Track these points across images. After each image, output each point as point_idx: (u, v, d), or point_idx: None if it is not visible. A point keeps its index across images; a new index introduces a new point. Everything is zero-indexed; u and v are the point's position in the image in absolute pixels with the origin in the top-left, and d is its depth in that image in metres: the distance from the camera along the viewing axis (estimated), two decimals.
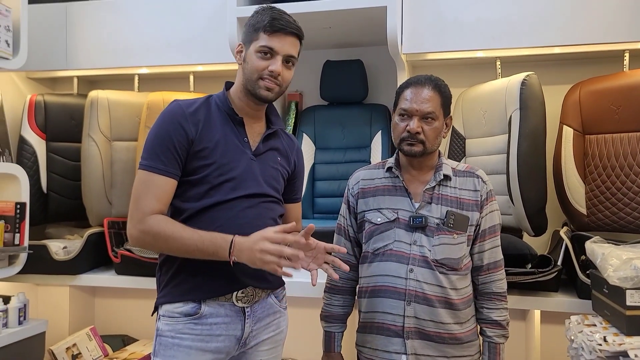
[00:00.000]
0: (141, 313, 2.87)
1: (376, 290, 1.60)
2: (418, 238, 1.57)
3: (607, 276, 1.62)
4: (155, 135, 1.43)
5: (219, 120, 1.49)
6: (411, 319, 1.54)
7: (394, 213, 1.60)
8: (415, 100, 1.56)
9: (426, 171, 1.64)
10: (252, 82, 1.45)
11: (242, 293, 1.47)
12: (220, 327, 1.44)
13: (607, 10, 2.08)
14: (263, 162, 1.51)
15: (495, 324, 1.60)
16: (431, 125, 1.57)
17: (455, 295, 1.55)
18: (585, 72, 2.25)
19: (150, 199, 1.38)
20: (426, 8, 2.25)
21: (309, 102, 2.75)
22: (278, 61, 1.44)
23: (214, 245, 1.34)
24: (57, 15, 2.66)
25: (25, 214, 2.28)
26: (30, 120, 2.57)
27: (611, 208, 2.07)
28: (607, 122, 2.08)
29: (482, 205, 1.61)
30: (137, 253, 2.31)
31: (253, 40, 1.46)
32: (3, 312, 2.26)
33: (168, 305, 1.46)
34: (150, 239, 1.37)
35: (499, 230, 1.65)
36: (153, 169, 1.40)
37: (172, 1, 2.58)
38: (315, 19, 2.29)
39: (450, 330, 1.55)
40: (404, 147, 1.58)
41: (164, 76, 2.86)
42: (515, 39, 2.17)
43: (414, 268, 1.55)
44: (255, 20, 1.47)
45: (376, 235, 1.61)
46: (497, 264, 1.63)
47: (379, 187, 1.66)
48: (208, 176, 1.43)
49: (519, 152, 1.99)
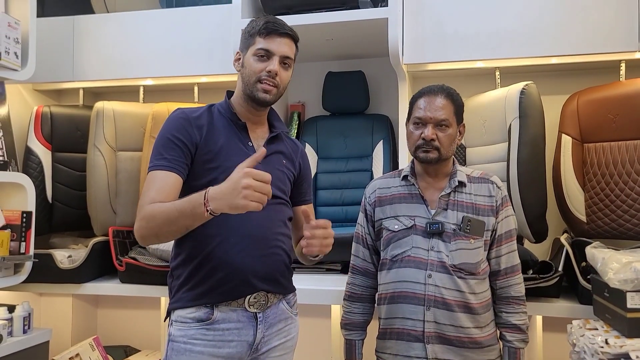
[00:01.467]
0: (143, 324, 2.88)
1: (395, 296, 1.61)
2: (435, 244, 1.59)
3: (608, 279, 1.64)
4: (160, 138, 1.46)
5: (222, 125, 1.51)
6: (431, 323, 1.55)
7: (411, 220, 1.63)
8: (429, 109, 1.61)
9: (441, 178, 1.67)
10: (251, 85, 1.48)
11: (255, 298, 1.47)
12: (233, 332, 1.45)
13: (603, 22, 2.12)
14: (268, 165, 1.51)
15: (515, 328, 1.62)
16: (445, 132, 1.61)
17: (474, 300, 1.57)
18: (583, 82, 2.29)
19: (151, 191, 1.38)
20: (427, 20, 2.29)
21: (311, 113, 2.79)
22: (275, 61, 1.47)
23: (189, 202, 1.27)
24: (64, 28, 2.71)
25: (32, 223, 2.29)
26: (36, 131, 2.61)
27: (610, 215, 2.09)
28: (605, 130, 2.12)
29: (498, 211, 1.64)
30: (142, 261, 2.33)
31: (250, 46, 1.50)
32: (8, 320, 2.26)
33: (180, 311, 1.47)
34: (145, 224, 1.34)
35: (515, 235, 1.68)
36: (156, 167, 1.42)
37: (176, 13, 2.63)
38: (317, 31, 2.34)
39: (470, 335, 1.56)
40: (420, 154, 1.62)
41: (169, 87, 2.90)
42: (514, 49, 2.21)
43: (432, 273, 1.57)
44: (251, 27, 1.52)
45: (394, 242, 1.64)
46: (514, 268, 1.66)
47: (396, 195, 1.69)
48: (214, 180, 1.43)
49: (519, 160, 2.03)
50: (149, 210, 1.34)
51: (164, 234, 1.35)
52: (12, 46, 2.24)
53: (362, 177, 2.50)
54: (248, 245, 1.45)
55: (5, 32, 2.19)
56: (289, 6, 2.33)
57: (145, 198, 1.38)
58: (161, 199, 1.36)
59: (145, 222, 1.34)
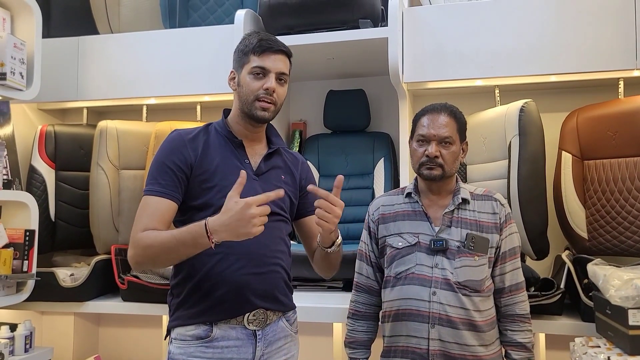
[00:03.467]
0: (145, 342, 2.86)
1: (400, 313, 1.61)
2: (439, 261, 1.59)
3: (609, 296, 1.64)
4: (155, 162, 1.48)
5: (219, 144, 1.53)
6: (436, 341, 1.55)
7: (415, 237, 1.63)
8: (433, 126, 1.62)
9: (445, 195, 1.68)
10: (249, 103, 1.50)
11: (254, 316, 1.47)
12: (232, 350, 1.45)
13: (601, 40, 2.14)
14: (266, 181, 1.53)
15: (520, 347, 1.61)
16: (449, 150, 1.62)
17: (479, 317, 1.57)
18: (582, 99, 2.31)
19: (144, 218, 1.41)
20: (426, 39, 2.32)
21: (312, 131, 2.82)
22: (271, 78, 1.49)
23: (189, 234, 1.31)
24: (69, 48, 2.74)
25: (34, 241, 2.30)
26: (40, 150, 2.63)
27: (612, 232, 2.09)
28: (604, 147, 2.13)
29: (502, 228, 1.64)
30: (144, 279, 2.33)
31: (244, 64, 1.51)
32: (10, 339, 2.26)
33: (180, 329, 1.47)
34: (140, 250, 1.38)
35: (519, 252, 1.68)
36: (151, 192, 1.44)
37: (179, 34, 2.67)
38: (318, 50, 2.37)
39: (475, 353, 1.55)
40: (424, 172, 1.63)
41: (172, 106, 2.93)
42: (513, 67, 2.23)
43: (437, 291, 1.57)
44: (244, 45, 1.53)
45: (398, 260, 1.64)
46: (518, 286, 1.65)
47: (399, 212, 1.70)
48: (211, 199, 1.46)
49: (519, 177, 2.04)
50: (144, 239, 1.37)
51: (162, 261, 1.40)
52: (17, 66, 2.27)
53: (363, 195, 2.51)
54: (247, 263, 1.46)
55: (11, 53, 2.23)
56: (291, 26, 2.36)
57: (137, 225, 1.40)
58: (153, 225, 1.39)
59: (142, 251, 1.38)
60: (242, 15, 2.39)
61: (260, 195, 1.28)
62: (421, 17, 2.34)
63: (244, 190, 1.47)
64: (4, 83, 2.21)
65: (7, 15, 2.37)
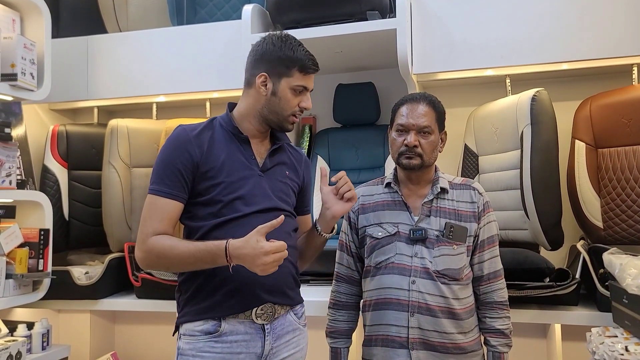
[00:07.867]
0: (160, 339, 2.89)
1: (380, 303, 1.62)
2: (419, 250, 1.60)
3: (626, 285, 1.62)
4: (161, 160, 1.48)
5: (224, 139, 1.52)
6: (415, 329, 1.56)
7: (394, 227, 1.64)
8: (412, 116, 1.62)
9: (424, 185, 1.68)
10: (283, 117, 1.52)
11: (262, 310, 1.48)
12: (241, 345, 1.45)
13: (614, 26, 2.11)
14: (271, 177, 1.54)
15: (499, 333, 1.62)
16: (427, 139, 1.62)
17: (458, 305, 1.58)
18: (594, 87, 2.28)
19: (154, 220, 1.43)
20: (435, 29, 2.30)
21: (322, 125, 2.81)
22: (309, 98, 1.54)
23: (209, 253, 1.36)
24: (79, 48, 2.76)
25: (49, 240, 2.33)
26: (52, 150, 2.66)
27: (628, 221, 2.06)
28: (619, 135, 2.10)
29: (480, 217, 1.65)
30: (158, 276, 2.34)
31: (283, 76, 1.49)
32: (27, 337, 2.29)
33: (188, 324, 1.48)
34: (154, 257, 1.42)
35: (497, 240, 1.69)
36: (158, 192, 1.44)
37: (187, 31, 2.68)
38: (326, 44, 2.36)
39: (454, 340, 1.57)
40: (403, 161, 1.63)
41: (181, 104, 2.94)
42: (524, 56, 2.21)
43: (416, 280, 1.58)
44: (284, 54, 1.49)
45: (378, 249, 1.65)
46: (497, 274, 1.66)
47: (379, 202, 1.70)
48: (218, 195, 1.46)
49: (532, 167, 2.02)
50: (157, 246, 1.40)
51: (175, 270, 1.47)
52: (28, 67, 2.29)
53: None
54: None
55: (22, 54, 2.24)
56: (298, 20, 2.35)
57: (147, 227, 1.42)
58: (163, 229, 1.43)
59: (155, 258, 1.42)
60: (249, 10, 2.39)
61: (265, 226, 1.33)
62: (429, 7, 2.32)
63: (250, 188, 1.48)
64: (15, 84, 2.23)
65: (16, 16, 2.39)
